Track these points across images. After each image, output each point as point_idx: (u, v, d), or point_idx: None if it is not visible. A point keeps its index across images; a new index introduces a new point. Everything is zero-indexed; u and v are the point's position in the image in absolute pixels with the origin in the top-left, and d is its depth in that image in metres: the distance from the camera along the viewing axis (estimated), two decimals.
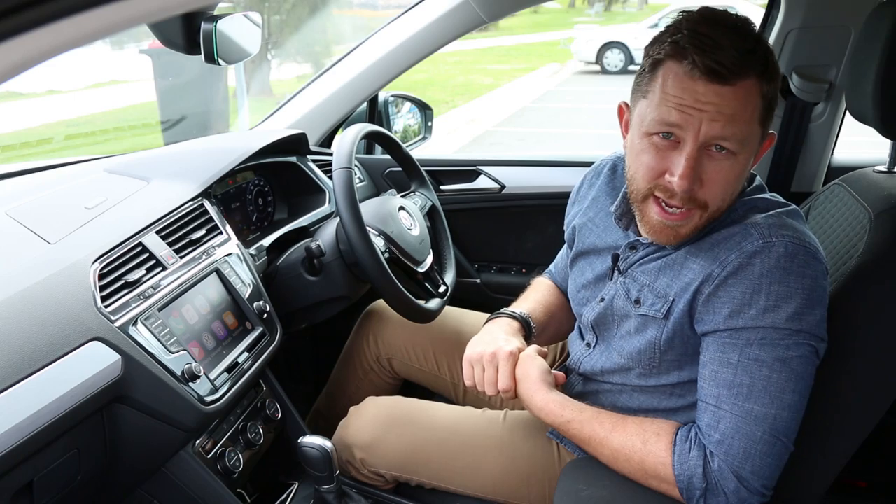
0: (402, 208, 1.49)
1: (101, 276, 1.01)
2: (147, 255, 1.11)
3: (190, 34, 1.20)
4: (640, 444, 0.95)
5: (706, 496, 0.90)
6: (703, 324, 0.93)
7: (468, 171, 1.92)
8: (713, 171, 0.88)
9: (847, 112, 1.37)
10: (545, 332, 1.26)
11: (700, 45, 0.85)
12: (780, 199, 0.98)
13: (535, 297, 1.30)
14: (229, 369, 1.15)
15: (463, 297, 1.86)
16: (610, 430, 0.98)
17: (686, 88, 0.86)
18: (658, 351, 0.99)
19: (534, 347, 1.10)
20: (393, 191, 1.68)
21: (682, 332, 0.96)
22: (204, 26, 1.20)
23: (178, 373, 1.03)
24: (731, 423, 0.89)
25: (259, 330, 1.24)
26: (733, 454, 0.88)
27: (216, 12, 1.24)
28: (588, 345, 1.13)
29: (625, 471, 0.97)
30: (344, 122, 1.89)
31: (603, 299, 1.09)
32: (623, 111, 1.01)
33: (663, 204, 0.92)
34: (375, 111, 1.98)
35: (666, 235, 0.95)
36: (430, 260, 1.51)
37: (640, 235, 1.03)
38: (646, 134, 0.91)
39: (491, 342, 1.09)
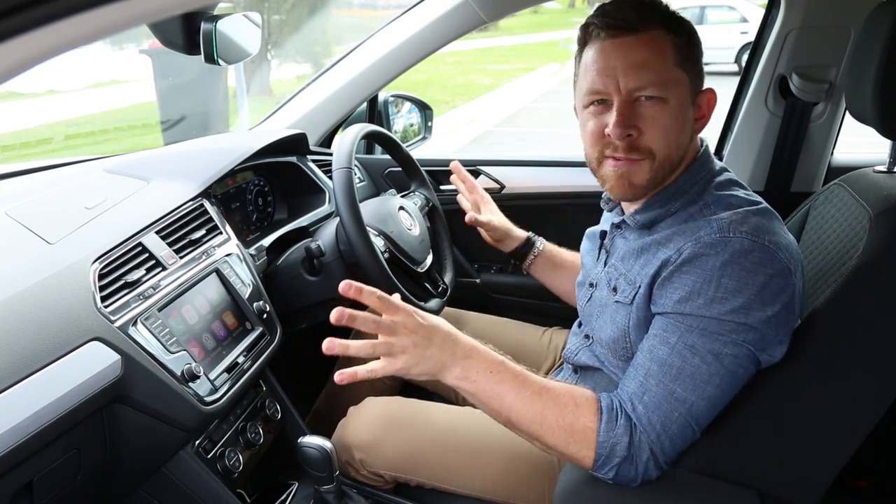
0: (401, 208, 1.49)
1: (101, 276, 1.01)
2: (147, 255, 1.11)
3: (190, 34, 1.20)
4: (574, 405, 0.93)
5: (621, 465, 0.91)
6: (656, 305, 0.95)
7: (468, 171, 1.92)
8: (648, 118, 0.95)
9: (847, 112, 1.37)
10: (563, 267, 1.43)
11: (603, 15, 0.96)
12: (755, 197, 0.99)
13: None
14: (229, 369, 1.15)
15: (463, 297, 1.86)
16: (543, 384, 0.94)
17: (599, 55, 0.96)
18: (629, 339, 1.01)
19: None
20: (393, 191, 1.68)
21: (647, 317, 0.98)
22: (204, 26, 1.20)
23: (178, 373, 1.03)
24: (654, 397, 0.91)
25: (259, 330, 1.24)
26: (651, 428, 0.91)
27: (216, 12, 1.24)
28: (586, 336, 1.15)
29: (551, 432, 0.92)
30: (344, 122, 1.89)
31: (592, 284, 1.13)
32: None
33: (613, 157, 0.99)
34: (375, 111, 1.98)
35: (621, 186, 0.99)
36: (429, 260, 1.51)
37: (623, 214, 1.07)
38: (583, 108, 1.01)
39: None
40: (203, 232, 1.23)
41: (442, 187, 1.92)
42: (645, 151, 0.96)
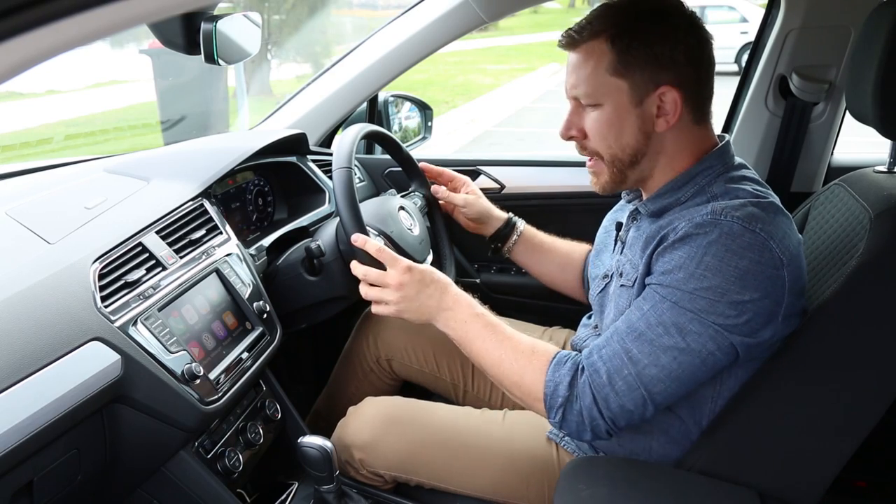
0: (401, 208, 1.48)
1: (101, 276, 1.01)
2: (147, 255, 1.11)
3: (190, 34, 1.20)
4: (530, 353, 1.03)
5: (566, 406, 0.97)
6: (647, 278, 0.99)
7: (468, 171, 1.91)
8: (588, 122, 1.03)
9: (847, 112, 1.37)
10: (543, 249, 1.45)
11: (569, 27, 1.02)
12: (766, 193, 0.99)
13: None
14: (229, 369, 1.15)
15: None
16: (510, 335, 1.06)
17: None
18: None
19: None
20: (393, 191, 1.68)
21: None
22: (204, 26, 1.20)
23: (178, 373, 1.03)
24: (610, 351, 0.96)
25: (259, 330, 1.24)
26: (597, 375, 0.96)
27: (216, 12, 1.24)
28: (596, 326, 1.17)
29: (506, 375, 1.03)
30: (344, 122, 1.89)
31: (606, 276, 1.16)
32: None
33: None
34: (375, 111, 1.98)
35: (595, 184, 1.09)
36: (430, 260, 1.51)
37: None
38: None
39: None
40: (203, 232, 1.23)
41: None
42: (593, 153, 1.05)
